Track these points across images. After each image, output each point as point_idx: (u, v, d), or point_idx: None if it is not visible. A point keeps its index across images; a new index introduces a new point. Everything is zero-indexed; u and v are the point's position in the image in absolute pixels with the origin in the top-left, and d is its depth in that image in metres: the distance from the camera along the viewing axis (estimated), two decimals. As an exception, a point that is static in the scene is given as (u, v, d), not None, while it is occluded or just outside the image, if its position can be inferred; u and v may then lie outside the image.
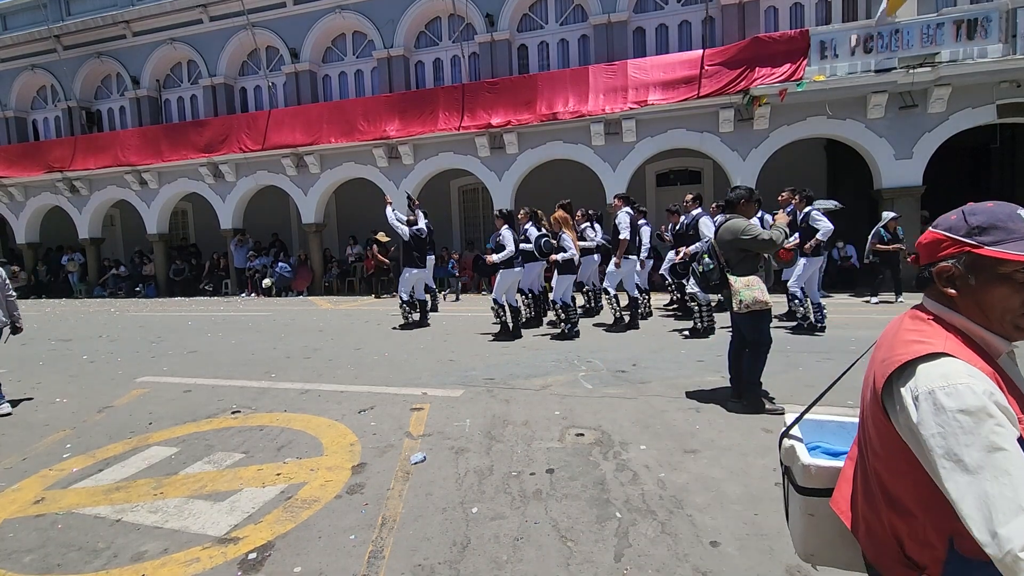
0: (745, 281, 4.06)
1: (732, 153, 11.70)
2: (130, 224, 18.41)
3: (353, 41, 15.59)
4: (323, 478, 3.28)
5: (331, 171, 14.57)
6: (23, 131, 18.65)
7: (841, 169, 13.14)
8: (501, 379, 5.27)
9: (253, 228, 16.28)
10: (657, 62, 12.09)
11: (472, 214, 16.33)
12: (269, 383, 5.50)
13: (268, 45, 15.71)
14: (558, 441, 3.69)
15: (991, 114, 10.31)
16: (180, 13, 15.90)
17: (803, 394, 4.44)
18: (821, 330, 6.88)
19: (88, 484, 3.36)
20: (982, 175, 13.13)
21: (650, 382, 4.99)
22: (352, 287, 15.14)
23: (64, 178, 16.41)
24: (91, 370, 6.48)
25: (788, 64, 10.68)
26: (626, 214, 7.41)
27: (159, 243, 16.53)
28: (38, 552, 2.62)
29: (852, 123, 10.96)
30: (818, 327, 6.91)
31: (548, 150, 12.84)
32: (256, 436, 4.04)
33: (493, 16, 13.79)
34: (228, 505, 2.99)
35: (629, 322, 7.73)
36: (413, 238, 8.29)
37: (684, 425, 3.89)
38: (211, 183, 15.54)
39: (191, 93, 17.08)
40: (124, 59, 16.88)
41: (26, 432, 4.36)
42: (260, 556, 2.51)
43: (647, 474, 3.15)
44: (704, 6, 12.66)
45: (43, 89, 18.49)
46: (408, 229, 8.31)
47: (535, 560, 2.39)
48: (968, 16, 10.02)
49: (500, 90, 12.80)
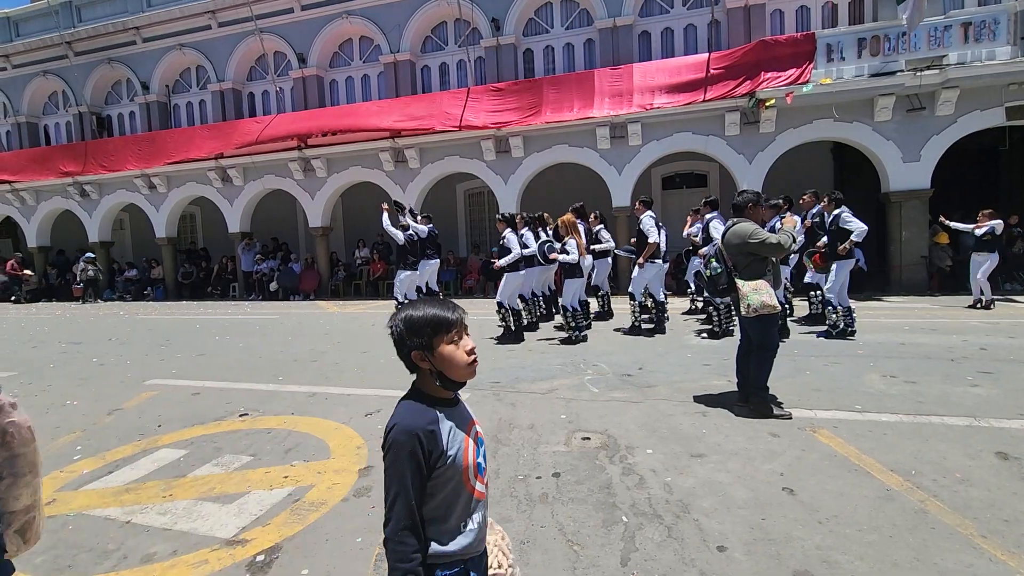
0: (753, 285, 4.05)
1: (738, 156, 11.68)
2: (139, 228, 18.55)
3: (360, 46, 15.69)
4: (330, 481, 3.29)
5: (337, 175, 14.64)
6: (35, 136, 18.88)
7: (848, 172, 13.09)
8: (507, 382, 5.28)
9: (260, 232, 16.38)
10: (663, 66, 12.08)
11: (478, 218, 16.36)
12: (276, 386, 5.53)
13: (276, 50, 15.83)
14: (564, 445, 3.69)
15: (1000, 116, 10.23)
16: (189, 19, 16.06)
17: (811, 398, 4.43)
18: (852, 334, 6.73)
19: (98, 486, 3.39)
20: (991, 178, 13.04)
21: (656, 386, 4.98)
22: (358, 290, 15.20)
23: (75, 182, 16.59)
24: (101, 373, 6.54)
25: (794, 67, 10.65)
26: (650, 217, 7.44)
27: (168, 246, 16.66)
28: (49, 553, 2.64)
29: (859, 126, 10.91)
30: (848, 332, 6.76)
31: (554, 153, 12.85)
32: (264, 439, 4.06)
33: (499, 20, 13.85)
34: (236, 507, 3.02)
35: (656, 326, 7.62)
36: (407, 242, 8.61)
37: (691, 429, 3.89)
38: (219, 187, 15.66)
39: (200, 98, 17.23)
40: (134, 64, 17.06)
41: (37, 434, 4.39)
42: (268, 558, 2.53)
43: (653, 478, 3.15)
44: (710, 9, 12.65)
45: (54, 94, 18.71)
46: (402, 234, 8.55)
47: (541, 564, 2.39)
48: (976, 18, 9.98)
49: (506, 94, 12.84)
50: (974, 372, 4.98)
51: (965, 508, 2.69)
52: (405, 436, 1.22)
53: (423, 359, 1.28)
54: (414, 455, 1.21)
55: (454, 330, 1.29)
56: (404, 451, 1.22)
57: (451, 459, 1.26)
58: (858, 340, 6.51)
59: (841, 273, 6.82)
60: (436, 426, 1.26)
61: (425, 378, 1.32)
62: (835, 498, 2.83)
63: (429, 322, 1.27)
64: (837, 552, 2.37)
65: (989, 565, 2.25)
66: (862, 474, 3.09)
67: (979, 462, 3.19)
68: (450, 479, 1.26)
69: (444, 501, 1.27)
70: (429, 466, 1.23)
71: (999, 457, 3.25)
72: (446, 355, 1.28)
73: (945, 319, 7.79)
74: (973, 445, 3.42)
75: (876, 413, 4.05)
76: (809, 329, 7.42)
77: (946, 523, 2.56)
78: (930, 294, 10.51)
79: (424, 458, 1.22)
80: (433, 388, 1.32)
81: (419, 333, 1.27)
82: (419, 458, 1.22)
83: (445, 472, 1.25)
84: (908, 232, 10.93)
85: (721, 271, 4.26)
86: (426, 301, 1.33)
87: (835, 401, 4.34)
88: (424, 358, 1.28)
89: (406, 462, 1.21)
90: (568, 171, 13.18)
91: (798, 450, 3.46)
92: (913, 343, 6.27)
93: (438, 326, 1.28)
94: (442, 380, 1.30)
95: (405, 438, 1.22)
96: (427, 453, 1.22)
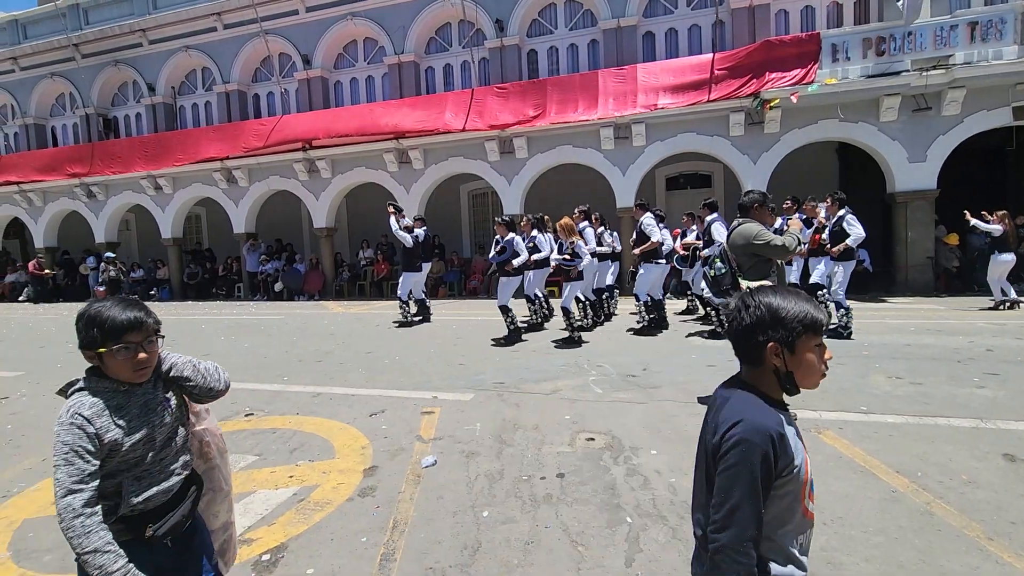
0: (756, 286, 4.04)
1: (743, 157, 11.65)
2: (145, 228, 18.66)
3: (364, 47, 15.73)
4: (335, 481, 3.30)
5: (342, 176, 14.69)
6: (42, 137, 19.02)
7: (854, 173, 13.02)
8: (511, 383, 5.28)
9: (265, 233, 16.45)
10: (667, 66, 12.07)
11: (482, 218, 16.36)
12: (282, 386, 5.56)
13: (281, 52, 15.91)
14: (568, 445, 3.69)
15: (1006, 116, 10.17)
16: (195, 21, 16.15)
17: (815, 399, 4.41)
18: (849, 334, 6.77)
19: (105, 485, 3.41)
20: (997, 178, 12.95)
21: (660, 387, 4.98)
22: (362, 291, 15.24)
23: (81, 183, 16.70)
24: (107, 373, 6.56)
25: (799, 67, 10.62)
26: (651, 216, 7.47)
27: (173, 247, 16.76)
28: (57, 552, 2.66)
29: (865, 126, 10.87)
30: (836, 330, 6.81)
31: (557, 154, 12.85)
32: (269, 438, 4.08)
33: (503, 21, 13.86)
34: (242, 507, 3.03)
35: (658, 324, 7.74)
36: (415, 244, 8.75)
37: (695, 430, 3.84)
38: (224, 188, 15.74)
39: (205, 99, 17.32)
40: (140, 66, 17.17)
41: (46, 434, 4.43)
42: (273, 557, 2.54)
43: (658, 479, 3.15)
44: (714, 10, 12.64)
45: (62, 96, 18.84)
46: (410, 236, 8.61)
47: (546, 564, 2.39)
48: (982, 18, 9.92)
49: (509, 95, 12.85)
50: (980, 373, 4.95)
51: (972, 510, 2.67)
52: (759, 436, 1.09)
53: (778, 355, 1.16)
54: (767, 459, 1.09)
55: (820, 336, 1.17)
56: (757, 452, 1.08)
57: (797, 470, 1.13)
58: (863, 341, 6.49)
59: (846, 274, 6.91)
60: (783, 429, 1.14)
61: (764, 376, 1.21)
62: (840, 499, 2.82)
63: (802, 320, 1.15)
64: (842, 553, 2.37)
65: (996, 568, 2.24)
66: (868, 475, 3.08)
67: (986, 464, 3.17)
68: (787, 493, 1.13)
69: (775, 519, 1.13)
70: (776, 473, 1.11)
71: (1006, 459, 3.23)
72: (807, 361, 1.16)
73: (951, 320, 7.74)
74: (980, 447, 3.40)
75: (882, 414, 4.04)
76: None
77: (952, 525, 2.55)
78: (936, 295, 10.45)
79: (773, 464, 1.10)
80: (772, 388, 1.20)
81: (787, 328, 1.15)
82: (771, 463, 1.09)
83: (787, 484, 1.12)
84: (914, 233, 10.88)
85: (726, 271, 4.26)
86: (794, 294, 1.21)
87: (840, 402, 4.32)
88: (780, 354, 1.16)
89: (759, 464, 1.08)
90: (572, 172, 13.18)
91: (803, 451, 3.44)
92: (919, 344, 6.24)
93: (810, 326, 1.15)
94: (789, 383, 1.19)
95: (759, 438, 1.09)
96: (776, 458, 1.10)
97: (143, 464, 1.43)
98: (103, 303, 1.41)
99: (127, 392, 1.43)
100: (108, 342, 1.37)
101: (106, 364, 1.40)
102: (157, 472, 1.46)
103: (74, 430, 1.31)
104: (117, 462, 1.38)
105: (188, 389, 1.56)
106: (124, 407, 1.41)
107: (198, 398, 1.60)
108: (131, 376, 1.41)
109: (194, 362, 1.57)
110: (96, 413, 1.35)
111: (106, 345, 1.37)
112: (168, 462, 1.49)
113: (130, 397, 1.43)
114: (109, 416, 1.37)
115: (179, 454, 1.53)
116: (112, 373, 1.41)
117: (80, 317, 1.40)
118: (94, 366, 1.42)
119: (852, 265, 6.99)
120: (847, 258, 6.91)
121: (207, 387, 1.57)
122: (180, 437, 1.54)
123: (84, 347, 1.40)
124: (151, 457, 1.44)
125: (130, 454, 1.39)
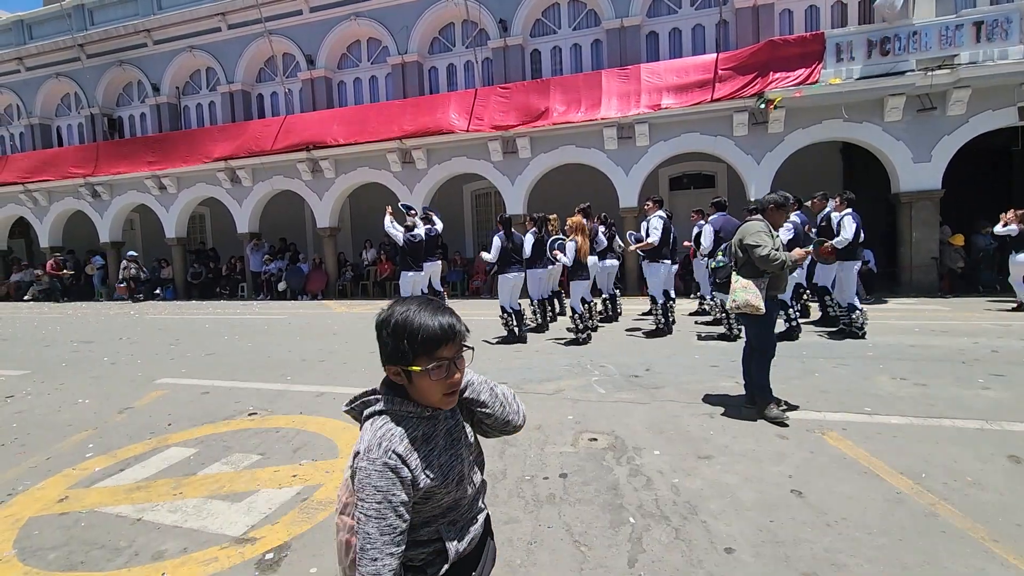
0: (744, 283, 4.05)
1: (747, 157, 11.62)
2: (149, 228, 18.74)
3: (368, 47, 15.76)
4: (338, 480, 3.31)
5: (345, 176, 14.72)
6: (47, 137, 19.11)
7: (858, 173, 12.98)
8: (514, 383, 5.28)
9: (269, 232, 16.49)
10: (670, 66, 12.06)
11: (485, 218, 16.37)
12: (285, 386, 5.57)
13: (284, 52, 15.94)
14: (571, 446, 3.69)
15: (1012, 116, 10.11)
16: (199, 21, 16.21)
17: (818, 400, 4.40)
18: (848, 334, 6.73)
19: (110, 483, 3.43)
20: (1003, 178, 12.89)
21: (664, 387, 4.97)
22: (365, 291, 15.26)
23: (86, 183, 16.78)
24: (112, 372, 6.60)
25: (803, 67, 10.59)
26: (659, 218, 7.49)
27: (177, 247, 16.83)
28: (62, 550, 2.68)
29: (869, 126, 10.83)
30: (846, 331, 6.78)
31: (561, 154, 12.84)
32: (273, 438, 4.09)
33: (506, 21, 13.86)
34: (245, 506, 3.04)
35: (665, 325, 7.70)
36: (407, 243, 8.66)
37: (698, 431, 3.87)
38: (228, 188, 15.79)
39: (209, 100, 17.38)
40: (145, 67, 17.24)
41: (50, 432, 4.46)
42: (277, 556, 2.55)
43: (661, 479, 3.14)
44: (718, 9, 12.61)
45: (67, 96, 18.93)
46: (403, 235, 8.61)
47: (548, 564, 2.39)
48: (988, 18, 9.87)
49: (513, 94, 12.85)
50: (985, 375, 4.93)
51: (976, 512, 2.66)
52: None
53: None
54: None
55: None
56: None
57: None
58: (868, 342, 6.46)
59: (851, 275, 6.85)
60: None
61: None
62: (844, 501, 2.81)
63: None
64: (846, 555, 2.36)
65: (1000, 570, 2.23)
66: (871, 477, 3.07)
67: (990, 465, 3.16)
68: None
69: None
70: None
71: (1011, 460, 3.21)
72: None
73: (956, 321, 7.71)
74: (984, 448, 3.39)
75: (886, 415, 4.02)
76: (818, 329, 7.41)
77: (957, 527, 2.54)
78: (941, 295, 10.41)
79: None
80: None
81: None
82: None
83: None
84: (918, 233, 10.84)
85: (725, 264, 4.28)
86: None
87: (844, 403, 4.31)
88: None
89: None
90: (575, 172, 13.17)
91: (807, 452, 3.44)
92: (923, 345, 6.21)
93: None
94: None
95: None
96: None
97: (460, 508, 1.22)
98: (407, 305, 1.14)
99: (431, 418, 1.17)
100: (421, 358, 1.10)
101: (413, 384, 1.13)
102: (467, 512, 1.23)
103: (387, 474, 1.07)
104: (431, 507, 1.16)
105: (480, 416, 1.25)
106: (431, 438, 1.16)
107: (486, 431, 1.29)
108: (440, 401, 1.14)
109: (490, 384, 1.27)
110: (408, 449, 1.11)
111: (419, 363, 1.10)
112: (474, 500, 1.27)
113: (435, 425, 1.18)
114: (420, 452, 1.13)
115: (478, 493, 1.29)
116: (417, 395, 1.14)
117: (385, 324, 1.13)
118: (391, 383, 1.17)
119: (855, 266, 6.89)
120: (848, 258, 6.84)
121: (504, 418, 1.26)
122: (477, 476, 1.30)
123: (391, 362, 1.14)
124: (462, 498, 1.22)
125: (444, 498, 1.17)
